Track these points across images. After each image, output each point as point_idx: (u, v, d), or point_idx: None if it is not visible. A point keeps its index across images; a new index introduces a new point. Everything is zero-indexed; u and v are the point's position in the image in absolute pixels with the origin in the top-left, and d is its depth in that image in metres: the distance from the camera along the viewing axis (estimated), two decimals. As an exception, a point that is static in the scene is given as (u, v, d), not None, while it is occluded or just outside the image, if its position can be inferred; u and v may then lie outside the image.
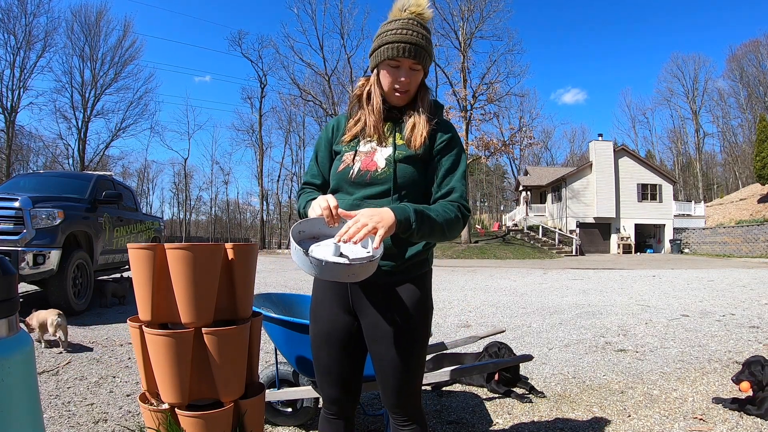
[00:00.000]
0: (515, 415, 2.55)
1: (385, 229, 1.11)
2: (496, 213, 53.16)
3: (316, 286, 1.41)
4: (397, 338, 1.27)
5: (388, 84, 1.30)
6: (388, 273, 1.28)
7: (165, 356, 1.53)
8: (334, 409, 1.40)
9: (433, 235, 1.22)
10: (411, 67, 1.27)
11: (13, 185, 6.27)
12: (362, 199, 1.29)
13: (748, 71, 41.13)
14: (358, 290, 1.31)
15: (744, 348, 3.98)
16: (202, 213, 55.31)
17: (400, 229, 1.15)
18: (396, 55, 1.25)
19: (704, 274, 11.95)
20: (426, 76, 1.35)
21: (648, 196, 27.42)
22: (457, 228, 1.26)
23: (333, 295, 1.35)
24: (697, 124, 45.50)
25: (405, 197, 1.28)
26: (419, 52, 1.25)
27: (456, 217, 1.25)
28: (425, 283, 1.35)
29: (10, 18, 29.70)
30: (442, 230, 1.23)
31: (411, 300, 1.29)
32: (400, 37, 1.24)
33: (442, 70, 28.09)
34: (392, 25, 1.27)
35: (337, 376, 1.36)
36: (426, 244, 1.32)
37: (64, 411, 2.50)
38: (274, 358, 2.29)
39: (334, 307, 1.35)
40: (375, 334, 1.29)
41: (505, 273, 12.99)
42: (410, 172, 1.29)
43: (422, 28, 1.28)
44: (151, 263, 1.56)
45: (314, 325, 1.39)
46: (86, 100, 33.54)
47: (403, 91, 1.30)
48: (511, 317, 5.66)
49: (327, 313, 1.36)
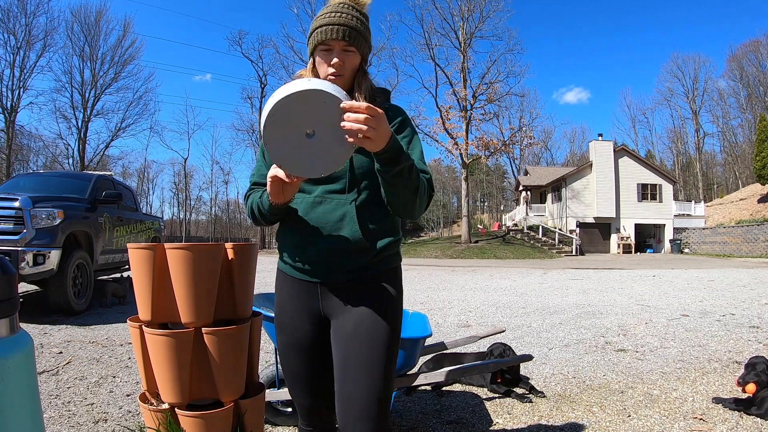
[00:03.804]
0: (515, 415, 2.55)
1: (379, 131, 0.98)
2: (496, 213, 53.23)
3: (280, 292, 1.33)
4: (369, 338, 1.18)
5: (323, 71, 1.22)
6: (359, 269, 1.21)
7: (165, 356, 1.53)
8: (313, 420, 1.33)
9: (409, 183, 1.10)
10: (344, 49, 1.20)
11: (13, 185, 6.27)
12: (324, 194, 1.22)
13: (748, 71, 41.17)
14: (326, 291, 1.24)
15: (744, 348, 3.98)
16: (202, 213, 55.38)
17: (390, 149, 1.03)
18: (326, 38, 1.18)
19: (704, 274, 11.95)
20: (365, 64, 1.28)
21: (648, 196, 27.42)
22: (425, 196, 1.17)
23: (298, 301, 1.27)
24: (697, 124, 45.53)
25: (365, 189, 1.22)
26: (351, 34, 1.18)
27: (424, 186, 1.16)
28: (397, 278, 1.29)
29: (10, 18, 29.69)
30: (416, 186, 1.13)
31: (383, 296, 1.22)
32: (329, 19, 1.19)
33: (442, 70, 28.10)
34: (324, 10, 1.22)
35: (310, 385, 1.29)
36: (395, 236, 1.26)
37: (64, 411, 2.50)
38: (274, 358, 2.29)
39: (299, 314, 1.27)
40: (343, 334, 1.20)
41: (505, 273, 12.99)
42: (367, 162, 1.20)
43: (356, 12, 1.21)
44: (151, 263, 1.56)
45: (280, 334, 1.31)
46: (86, 100, 33.51)
47: (337, 75, 1.20)
48: (511, 317, 5.66)
49: (292, 321, 1.28)
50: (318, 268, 1.23)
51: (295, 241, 1.26)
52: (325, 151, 1.02)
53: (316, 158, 1.03)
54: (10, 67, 30.25)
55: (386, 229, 1.25)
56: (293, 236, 1.26)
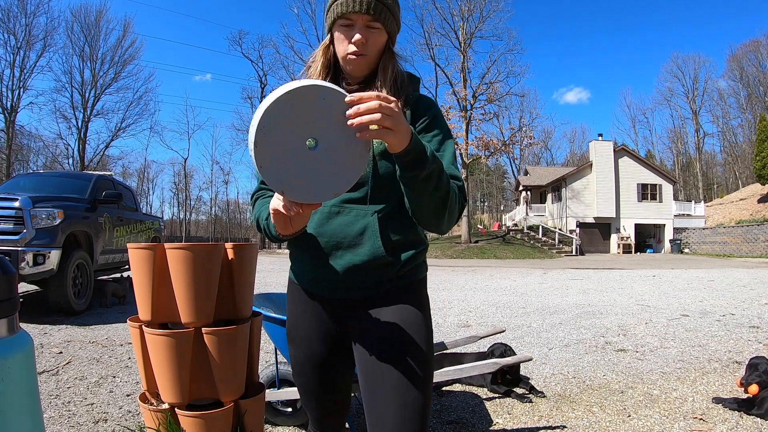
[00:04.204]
0: (515, 415, 2.55)
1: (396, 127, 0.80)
2: (496, 213, 53.24)
3: (292, 305, 1.21)
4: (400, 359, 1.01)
5: (342, 48, 1.03)
6: (381, 284, 1.07)
7: (165, 356, 1.53)
8: (323, 428, 1.28)
9: (437, 191, 0.92)
10: (367, 25, 1.01)
11: (13, 185, 6.27)
12: (342, 203, 1.06)
13: (748, 71, 41.19)
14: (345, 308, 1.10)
15: (744, 348, 3.98)
16: (202, 213, 55.40)
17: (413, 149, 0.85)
18: (347, 10, 1.00)
19: (704, 273, 11.95)
20: (392, 44, 1.09)
21: (648, 196, 27.43)
22: (456, 207, 0.99)
23: (313, 318, 1.14)
24: (697, 124, 45.55)
25: (389, 198, 1.06)
26: (376, 7, 1.00)
27: (455, 194, 0.98)
28: (423, 290, 1.15)
29: (10, 18, 29.74)
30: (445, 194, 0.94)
31: (410, 311, 1.07)
32: None
33: (442, 69, 28.18)
34: None
35: (323, 400, 1.20)
36: (421, 246, 1.11)
37: (64, 411, 2.50)
38: (274, 358, 2.29)
39: (314, 331, 1.14)
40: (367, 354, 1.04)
41: (505, 273, 12.99)
42: (393, 166, 1.00)
43: None
44: (151, 263, 1.56)
45: (292, 347, 1.19)
46: (86, 100, 33.54)
47: (358, 54, 1.02)
48: (511, 317, 5.66)
49: (306, 335, 1.15)
50: (335, 285, 1.09)
51: (308, 255, 1.11)
52: (335, 163, 0.82)
53: (326, 175, 0.83)
54: (10, 67, 30.31)
55: (412, 239, 1.09)
56: (307, 250, 1.11)
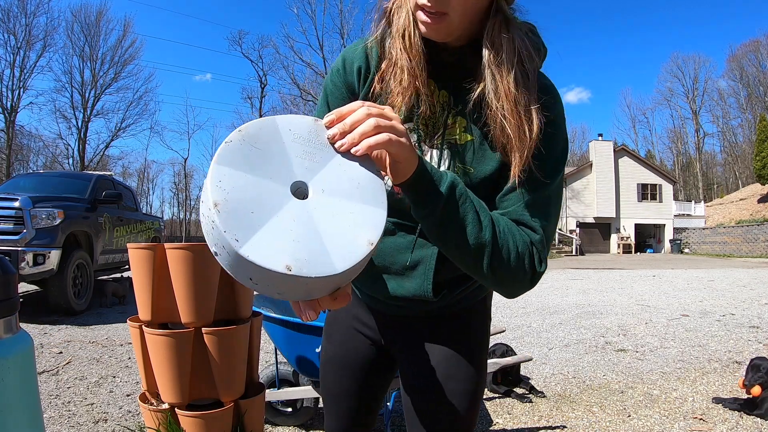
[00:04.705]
0: (515, 415, 2.55)
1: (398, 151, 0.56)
2: (496, 213, 53.13)
3: None
4: (453, 388, 0.86)
5: (410, 4, 0.70)
6: (434, 309, 0.88)
7: (165, 356, 1.53)
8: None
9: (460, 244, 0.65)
10: None
11: (13, 185, 6.28)
12: (397, 223, 0.82)
13: (748, 71, 41.17)
14: (393, 322, 0.93)
15: (744, 348, 3.98)
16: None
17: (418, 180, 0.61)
18: None
19: (704, 273, 11.95)
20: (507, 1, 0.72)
21: (648, 196, 27.44)
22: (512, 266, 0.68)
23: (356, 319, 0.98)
24: (697, 124, 45.54)
25: None
26: None
27: (510, 251, 0.67)
28: (486, 311, 0.94)
29: (10, 18, 29.72)
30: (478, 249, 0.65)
31: (470, 335, 0.90)
32: None
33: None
34: None
35: (347, 409, 1.01)
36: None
37: (64, 411, 2.50)
38: (274, 358, 2.29)
39: (353, 335, 0.98)
40: (418, 380, 0.89)
41: (505, 273, 12.97)
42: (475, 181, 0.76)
43: None
44: (151, 263, 1.56)
45: (326, 343, 1.03)
46: (86, 100, 33.53)
47: (432, 12, 0.66)
48: (511, 317, 5.65)
49: (345, 332, 0.99)
50: (381, 307, 0.93)
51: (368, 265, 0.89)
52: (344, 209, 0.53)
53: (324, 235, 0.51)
54: (10, 67, 30.29)
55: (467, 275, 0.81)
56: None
